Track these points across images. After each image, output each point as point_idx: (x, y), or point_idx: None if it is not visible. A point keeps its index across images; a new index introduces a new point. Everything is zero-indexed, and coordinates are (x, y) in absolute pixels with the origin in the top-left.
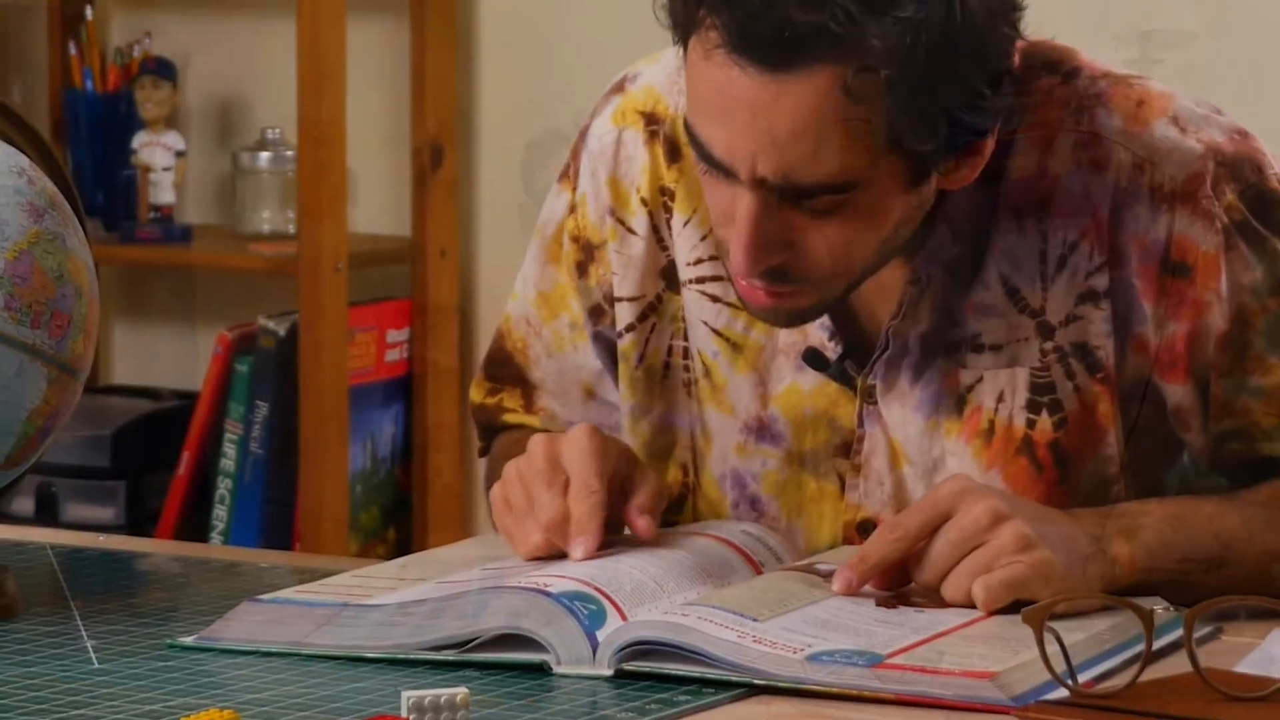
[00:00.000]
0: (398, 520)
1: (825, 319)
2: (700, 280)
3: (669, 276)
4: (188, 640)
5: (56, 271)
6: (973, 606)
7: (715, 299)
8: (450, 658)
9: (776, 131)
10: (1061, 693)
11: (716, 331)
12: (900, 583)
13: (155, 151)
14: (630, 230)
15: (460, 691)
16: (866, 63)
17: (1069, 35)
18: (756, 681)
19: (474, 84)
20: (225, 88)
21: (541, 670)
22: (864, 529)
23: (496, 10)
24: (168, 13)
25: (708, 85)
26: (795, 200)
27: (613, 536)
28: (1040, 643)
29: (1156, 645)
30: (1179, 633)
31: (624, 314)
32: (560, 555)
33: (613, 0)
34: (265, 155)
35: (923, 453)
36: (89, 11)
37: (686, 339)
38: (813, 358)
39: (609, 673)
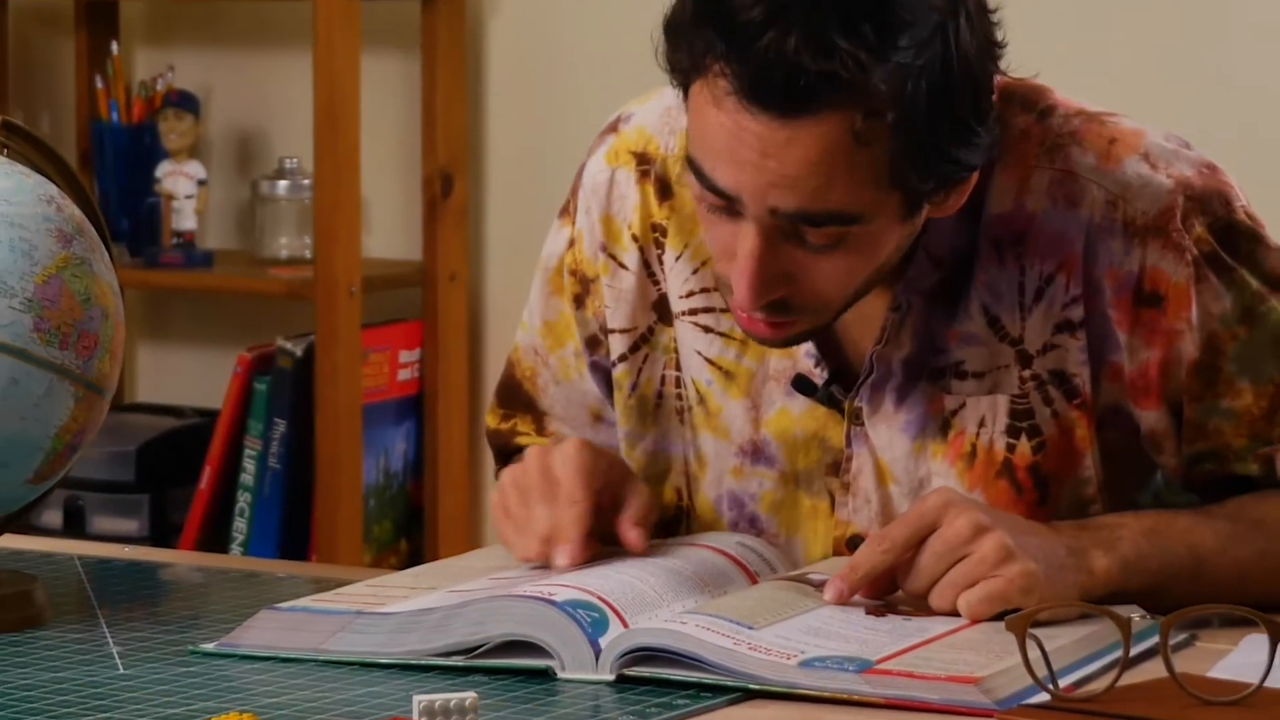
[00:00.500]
0: (409, 532)
1: (811, 346)
2: (693, 312)
3: (660, 309)
4: (209, 647)
5: (84, 295)
6: (958, 615)
7: (708, 330)
8: (459, 663)
9: (786, 169)
10: (1043, 697)
11: (710, 361)
12: (888, 591)
13: (178, 180)
14: (622, 265)
15: (469, 696)
16: (873, 106)
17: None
18: (751, 686)
19: (482, 117)
20: (245, 119)
21: (546, 675)
22: (853, 544)
23: (504, 46)
24: (190, 48)
25: (717, 129)
26: (798, 236)
27: (606, 549)
28: (1023, 649)
29: (1133, 651)
30: (1155, 640)
31: (617, 345)
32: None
33: (616, 36)
34: (283, 184)
35: (909, 473)
36: (115, 47)
37: (679, 369)
38: (801, 383)
39: (611, 677)
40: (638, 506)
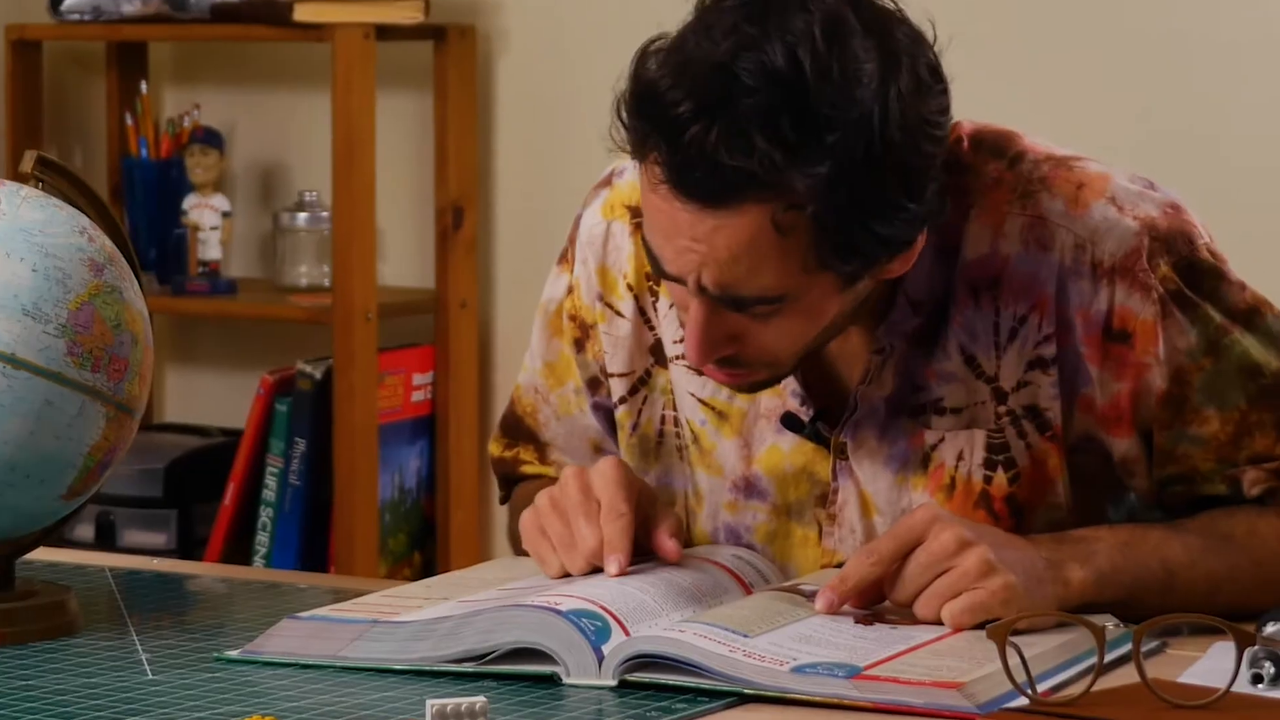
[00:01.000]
0: (422, 545)
1: (797, 386)
2: (686, 356)
3: (657, 353)
4: (233, 654)
5: (115, 321)
6: (942, 624)
7: (700, 372)
8: (470, 669)
9: (716, 254)
10: (1022, 701)
11: (703, 401)
12: (876, 601)
13: (204, 212)
14: (618, 313)
15: (479, 700)
16: (792, 201)
17: None
18: (746, 691)
19: (492, 152)
20: (267, 155)
21: (552, 681)
22: None
23: (513, 86)
24: (215, 88)
25: (657, 211)
26: (736, 307)
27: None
28: (1003, 656)
29: (1108, 658)
30: (1128, 647)
31: (617, 388)
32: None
33: (619, 76)
34: (303, 215)
35: (891, 504)
36: (144, 86)
37: (676, 409)
38: (789, 421)
39: (613, 683)
40: (671, 522)
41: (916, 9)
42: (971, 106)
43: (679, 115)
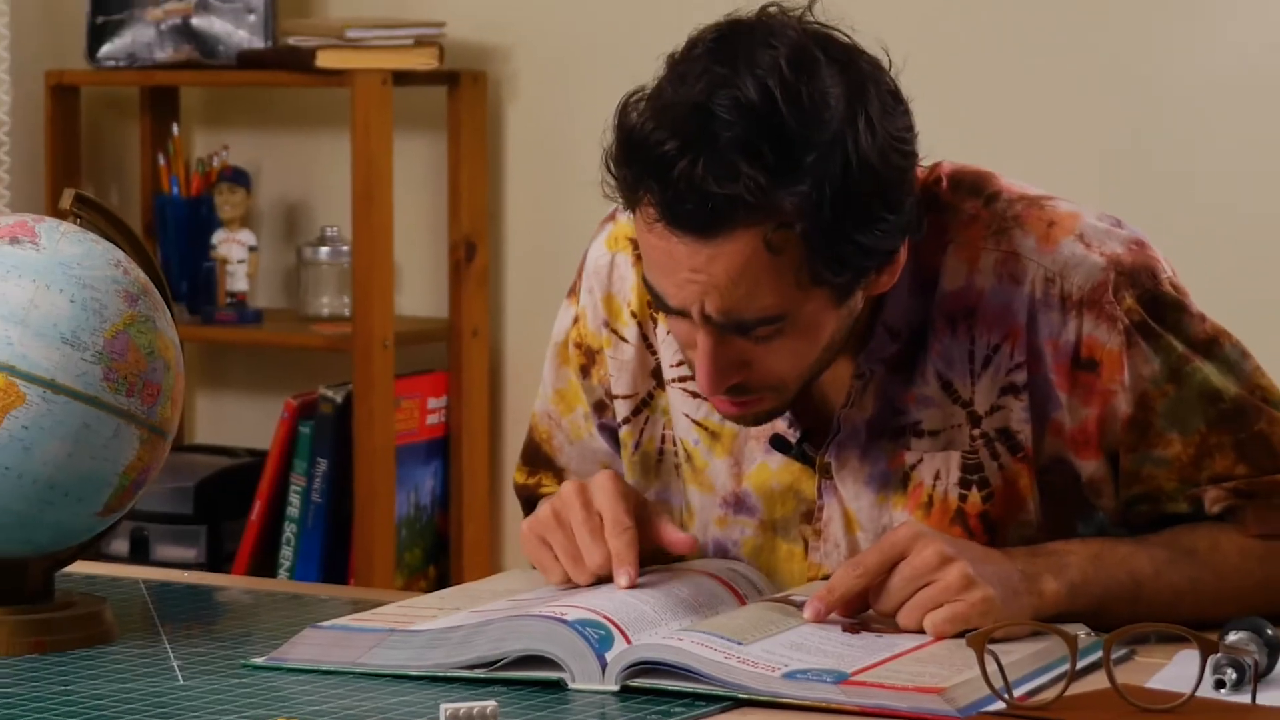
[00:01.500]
0: (437, 559)
1: None
2: (682, 379)
3: (658, 376)
4: (259, 661)
5: (148, 348)
6: (924, 632)
7: (694, 395)
8: (481, 675)
9: (716, 281)
10: (999, 705)
11: (696, 422)
12: (861, 611)
13: (231, 247)
14: (622, 339)
15: (490, 704)
16: (782, 220)
17: None
18: (740, 696)
19: (501, 190)
20: (291, 193)
21: (558, 686)
22: None
23: (521, 128)
24: (243, 130)
25: (654, 249)
26: (740, 331)
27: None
28: (981, 663)
29: (1080, 665)
30: (1099, 654)
31: (621, 409)
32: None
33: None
34: (325, 250)
35: (873, 521)
36: (175, 129)
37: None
38: (777, 441)
39: (616, 688)
40: (670, 520)
41: (870, 38)
42: (943, 145)
43: (665, 153)
